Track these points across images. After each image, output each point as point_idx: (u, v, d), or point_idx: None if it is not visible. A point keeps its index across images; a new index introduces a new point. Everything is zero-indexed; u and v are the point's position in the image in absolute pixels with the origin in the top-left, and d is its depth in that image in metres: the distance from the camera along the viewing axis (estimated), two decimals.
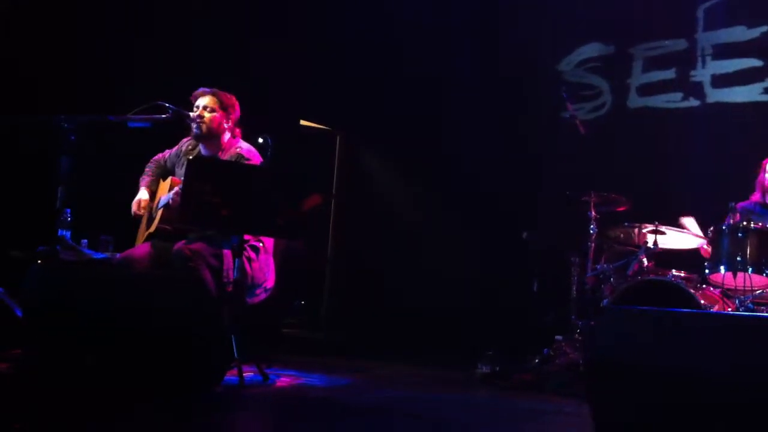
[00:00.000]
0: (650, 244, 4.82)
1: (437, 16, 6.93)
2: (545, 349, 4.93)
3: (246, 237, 4.14)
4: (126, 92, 4.58)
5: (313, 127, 7.06)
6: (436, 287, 6.62)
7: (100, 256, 4.52)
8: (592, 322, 4.71)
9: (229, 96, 4.45)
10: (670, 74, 6.40)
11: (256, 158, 4.39)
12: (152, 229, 4.38)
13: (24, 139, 5.30)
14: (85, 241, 4.60)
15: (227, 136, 4.44)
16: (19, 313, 4.02)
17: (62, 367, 3.33)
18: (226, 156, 4.37)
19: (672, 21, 6.38)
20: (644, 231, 4.88)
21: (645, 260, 4.85)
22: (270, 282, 4.36)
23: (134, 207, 4.52)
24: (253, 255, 4.23)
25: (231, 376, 3.83)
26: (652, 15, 6.40)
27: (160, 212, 4.37)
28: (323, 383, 4.42)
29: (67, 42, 5.83)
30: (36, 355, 3.46)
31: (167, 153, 4.68)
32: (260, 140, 4.55)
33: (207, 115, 4.37)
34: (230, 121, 4.43)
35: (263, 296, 4.34)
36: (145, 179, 4.62)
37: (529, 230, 5.55)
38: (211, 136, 4.39)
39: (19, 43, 5.75)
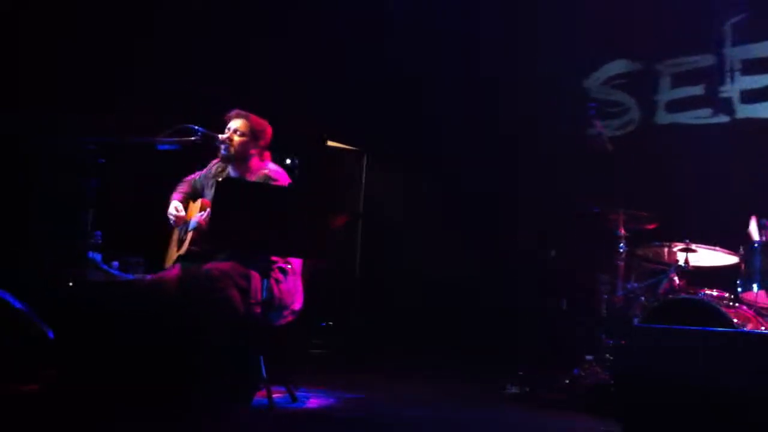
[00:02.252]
0: (681, 262, 4.77)
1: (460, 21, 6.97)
2: (575, 369, 4.90)
3: (274, 258, 4.16)
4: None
5: (340, 147, 7.08)
6: (465, 307, 6.59)
7: (130, 277, 4.56)
8: (623, 342, 4.67)
9: (261, 122, 4.49)
10: (698, 90, 6.35)
11: (284, 179, 4.42)
12: (182, 250, 4.42)
13: (50, 160, 5.30)
14: (116, 263, 4.65)
15: (256, 159, 4.48)
16: (50, 335, 4.06)
17: (94, 388, 3.36)
18: (253, 177, 4.40)
19: (699, 36, 6.34)
20: (675, 249, 4.83)
21: (676, 278, 4.79)
22: (297, 304, 4.37)
23: (171, 212, 4.47)
24: (281, 277, 4.24)
25: (260, 397, 3.84)
26: (679, 31, 6.36)
27: (190, 234, 4.41)
28: (353, 403, 4.41)
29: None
30: (70, 377, 3.50)
31: (197, 174, 4.72)
32: (288, 162, 4.59)
33: (236, 138, 4.42)
34: (259, 145, 4.47)
35: (290, 318, 4.34)
36: (176, 197, 4.65)
37: (557, 248, 5.54)
38: (238, 158, 4.43)
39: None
